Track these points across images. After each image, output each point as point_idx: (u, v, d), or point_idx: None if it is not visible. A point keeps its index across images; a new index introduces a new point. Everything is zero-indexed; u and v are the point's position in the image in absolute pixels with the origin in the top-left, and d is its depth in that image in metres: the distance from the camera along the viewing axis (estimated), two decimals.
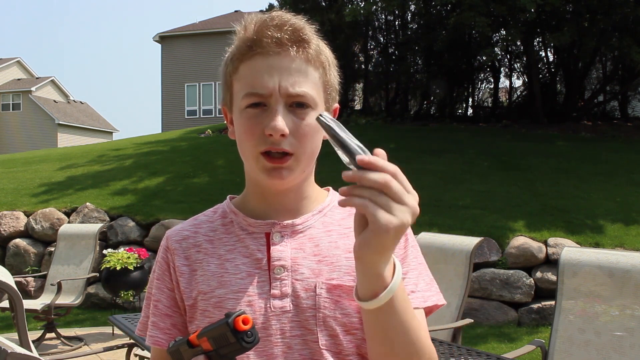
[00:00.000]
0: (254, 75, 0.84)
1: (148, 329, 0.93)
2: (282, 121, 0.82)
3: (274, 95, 0.83)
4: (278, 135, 0.82)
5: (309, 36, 0.86)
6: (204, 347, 0.74)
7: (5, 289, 2.81)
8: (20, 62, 36.89)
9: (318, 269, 0.87)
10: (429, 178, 8.22)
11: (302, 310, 0.85)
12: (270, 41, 0.84)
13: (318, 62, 0.88)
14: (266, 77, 0.83)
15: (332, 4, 13.55)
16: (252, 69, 0.85)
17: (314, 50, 0.87)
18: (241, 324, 0.69)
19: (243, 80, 0.86)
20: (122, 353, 3.82)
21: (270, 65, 0.84)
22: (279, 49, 0.84)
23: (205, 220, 0.96)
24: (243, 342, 0.69)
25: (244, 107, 0.85)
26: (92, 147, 14.82)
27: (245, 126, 0.86)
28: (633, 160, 9.08)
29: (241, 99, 0.86)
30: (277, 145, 0.83)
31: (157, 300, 0.93)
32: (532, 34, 12.69)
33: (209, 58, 23.67)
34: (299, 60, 0.85)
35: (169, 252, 0.93)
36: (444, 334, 3.29)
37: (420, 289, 0.89)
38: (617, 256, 2.63)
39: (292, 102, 0.84)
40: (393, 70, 14.69)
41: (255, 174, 0.88)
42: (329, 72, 0.90)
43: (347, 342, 0.85)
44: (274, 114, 0.82)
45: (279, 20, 0.85)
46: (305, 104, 0.85)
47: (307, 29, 0.87)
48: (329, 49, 0.92)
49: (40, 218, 7.15)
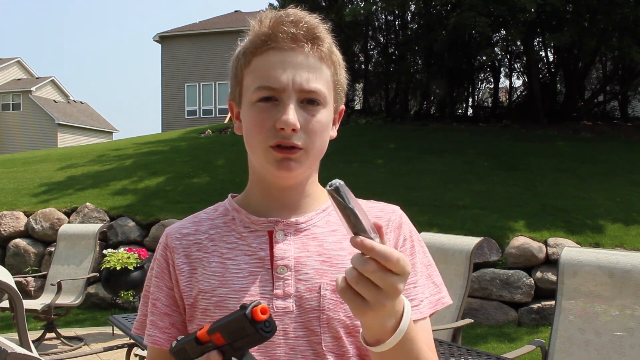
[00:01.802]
0: (268, 69, 0.84)
1: (146, 328, 0.92)
2: (294, 115, 0.82)
3: (287, 90, 0.83)
4: (289, 130, 0.82)
5: (323, 34, 0.87)
6: (216, 342, 0.72)
7: (5, 289, 2.81)
8: (20, 62, 36.89)
9: (322, 269, 0.86)
10: (429, 178, 8.22)
11: (305, 311, 0.84)
12: (285, 36, 0.84)
13: (330, 60, 0.88)
14: (280, 72, 0.84)
15: (332, 4, 13.54)
16: (265, 63, 0.85)
17: (327, 49, 0.87)
18: (259, 314, 0.67)
19: (255, 74, 0.86)
20: (122, 353, 3.83)
21: (284, 60, 0.84)
22: (293, 45, 0.85)
23: (206, 218, 0.95)
24: (262, 332, 0.67)
25: (255, 100, 0.85)
26: (92, 147, 14.81)
27: (256, 119, 0.85)
28: (633, 160, 9.08)
29: (252, 92, 0.85)
30: (288, 139, 0.83)
31: (156, 299, 0.91)
32: (532, 34, 12.68)
33: (209, 58, 23.68)
34: (313, 57, 0.85)
35: (169, 249, 0.92)
36: (444, 334, 3.29)
37: (430, 293, 0.89)
38: (617, 256, 2.63)
39: (303, 98, 0.84)
40: (393, 70, 14.68)
41: (263, 167, 0.87)
42: (339, 71, 0.91)
43: (349, 343, 0.85)
44: (286, 108, 0.83)
45: (295, 17, 0.86)
46: (317, 100, 0.85)
47: (321, 28, 0.87)
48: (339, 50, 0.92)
49: (40, 218, 7.15)
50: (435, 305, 0.89)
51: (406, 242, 0.90)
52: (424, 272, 0.90)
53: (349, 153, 9.55)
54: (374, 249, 0.63)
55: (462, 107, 16.09)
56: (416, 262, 0.90)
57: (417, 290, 0.88)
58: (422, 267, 0.90)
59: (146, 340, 0.92)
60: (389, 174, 8.63)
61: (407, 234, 0.91)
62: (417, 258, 0.90)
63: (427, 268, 0.91)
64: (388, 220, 0.91)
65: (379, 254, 0.63)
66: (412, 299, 0.87)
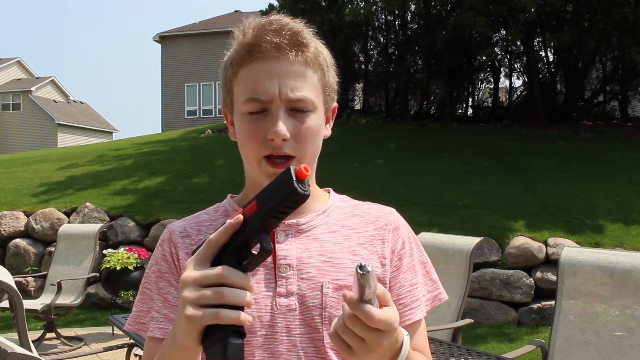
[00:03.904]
0: (254, 81, 0.85)
1: (155, 321, 0.90)
2: (283, 126, 0.83)
3: (275, 101, 0.85)
4: (280, 140, 0.84)
5: (307, 39, 0.88)
6: (247, 213, 0.68)
7: (5, 289, 2.81)
8: (20, 62, 36.88)
9: (324, 268, 0.88)
10: (429, 178, 8.22)
11: (308, 308, 0.86)
12: (269, 46, 0.85)
13: (316, 64, 0.89)
14: (266, 82, 0.85)
15: (332, 4, 13.53)
16: (251, 74, 0.86)
17: (312, 53, 0.88)
18: (303, 172, 0.65)
19: (243, 85, 0.87)
20: (122, 353, 3.83)
21: (269, 70, 0.85)
22: (277, 54, 0.85)
23: (208, 219, 0.96)
24: (301, 189, 0.64)
25: (245, 112, 0.87)
26: (92, 147, 14.81)
27: (247, 130, 0.87)
28: (633, 160, 9.07)
29: (242, 104, 0.87)
30: (279, 149, 0.85)
31: (167, 293, 0.91)
32: (532, 34, 12.68)
33: (209, 58, 23.68)
34: (298, 63, 0.86)
35: (173, 245, 0.93)
36: (444, 334, 3.29)
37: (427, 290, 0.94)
38: (617, 256, 2.63)
39: (292, 107, 0.86)
40: (393, 70, 14.67)
41: (258, 177, 0.89)
42: (327, 73, 0.91)
43: None
44: (275, 119, 0.84)
45: (277, 24, 0.86)
46: (305, 108, 0.86)
47: (305, 33, 0.88)
48: (327, 50, 0.93)
49: (40, 218, 7.15)
50: (433, 301, 0.93)
51: (405, 245, 0.94)
52: (422, 270, 0.94)
53: (349, 153, 9.55)
54: (356, 308, 0.65)
55: (462, 107, 16.07)
56: (416, 264, 0.93)
57: (419, 291, 0.92)
58: (420, 266, 0.94)
59: (155, 333, 0.90)
60: (389, 174, 8.63)
61: (405, 237, 0.94)
62: (416, 258, 0.94)
63: (425, 266, 0.95)
64: (386, 222, 0.94)
65: (361, 312, 0.65)
66: (415, 299, 0.91)
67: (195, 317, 0.65)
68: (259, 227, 0.67)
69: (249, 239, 0.68)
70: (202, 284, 0.66)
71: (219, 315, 0.64)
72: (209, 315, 0.65)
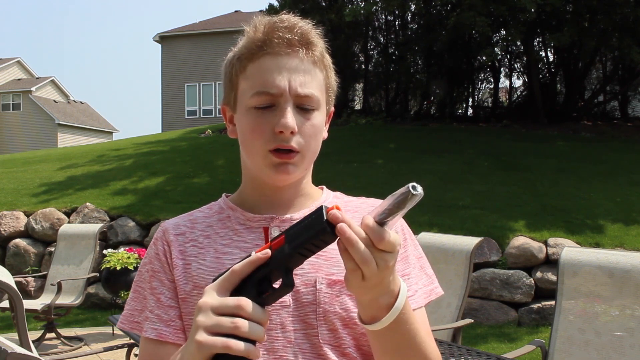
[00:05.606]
0: (264, 74, 0.87)
1: (149, 322, 0.91)
2: (292, 119, 0.85)
3: (284, 95, 0.86)
4: (288, 133, 0.85)
5: (316, 39, 0.90)
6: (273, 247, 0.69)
7: (5, 289, 2.81)
8: (20, 62, 36.88)
9: (317, 263, 0.88)
10: (429, 178, 8.22)
11: (302, 304, 0.86)
12: (280, 42, 0.87)
13: (322, 64, 0.91)
14: (277, 76, 0.86)
15: (332, 4, 13.53)
16: (261, 68, 0.87)
17: (320, 53, 0.91)
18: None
19: (252, 79, 0.88)
20: (122, 353, 3.83)
21: (280, 65, 0.87)
22: (289, 50, 0.87)
23: (202, 216, 0.97)
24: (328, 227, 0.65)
25: (252, 105, 0.87)
26: (92, 147, 14.82)
27: (254, 125, 0.88)
28: (633, 160, 9.08)
29: (249, 97, 0.88)
30: (286, 142, 0.86)
31: (160, 293, 0.91)
32: (532, 34, 12.68)
33: (209, 58, 23.67)
34: (307, 61, 0.88)
35: (166, 243, 0.93)
36: (444, 334, 3.29)
37: (423, 284, 0.92)
38: (617, 256, 2.63)
39: (299, 103, 0.87)
40: (393, 70, 14.67)
41: (260, 170, 0.90)
42: (330, 74, 0.94)
43: (345, 335, 0.87)
44: (284, 112, 0.85)
45: (289, 22, 0.88)
46: (311, 105, 0.88)
47: (314, 33, 0.90)
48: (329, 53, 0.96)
49: (40, 218, 7.15)
50: (429, 295, 0.92)
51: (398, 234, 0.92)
52: (417, 264, 0.94)
53: (349, 153, 9.55)
54: (368, 227, 0.66)
55: (462, 107, 16.08)
56: (409, 255, 0.93)
57: (411, 281, 0.90)
58: (414, 260, 0.93)
59: (149, 334, 0.90)
60: (389, 174, 8.63)
61: (399, 228, 0.94)
62: (410, 251, 0.93)
63: (419, 260, 0.95)
64: None
65: (372, 231, 0.66)
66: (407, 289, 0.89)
67: (206, 343, 0.64)
68: (284, 262, 0.68)
69: (271, 272, 0.68)
70: (218, 312, 0.66)
71: (229, 345, 0.64)
72: (219, 344, 0.64)
